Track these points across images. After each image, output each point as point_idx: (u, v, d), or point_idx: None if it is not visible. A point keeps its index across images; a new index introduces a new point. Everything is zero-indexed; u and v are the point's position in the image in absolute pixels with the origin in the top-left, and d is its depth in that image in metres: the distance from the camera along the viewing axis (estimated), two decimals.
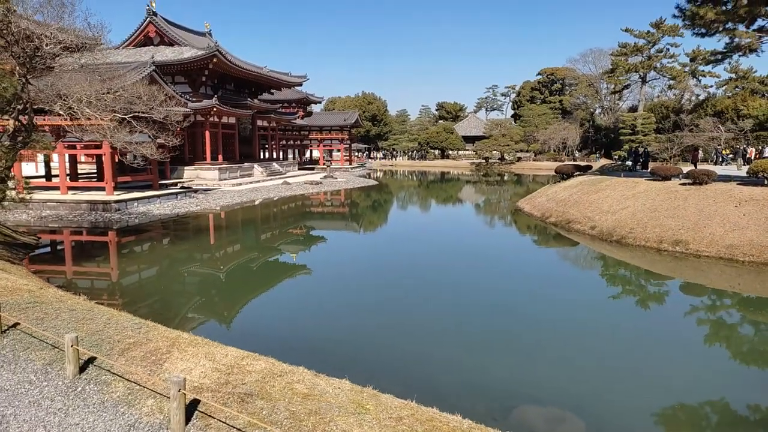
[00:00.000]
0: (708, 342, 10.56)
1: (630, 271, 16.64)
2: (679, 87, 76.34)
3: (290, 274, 16.08)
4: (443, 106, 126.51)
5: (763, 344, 10.75)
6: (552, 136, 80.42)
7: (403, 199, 42.48)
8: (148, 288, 14.22)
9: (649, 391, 8.07)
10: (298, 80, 55.93)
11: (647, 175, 27.16)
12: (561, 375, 8.63)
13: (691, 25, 20.81)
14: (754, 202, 17.44)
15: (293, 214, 30.64)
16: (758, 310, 12.95)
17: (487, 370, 8.79)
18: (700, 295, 13.89)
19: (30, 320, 7.52)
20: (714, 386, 8.46)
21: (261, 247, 20.51)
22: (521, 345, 10.09)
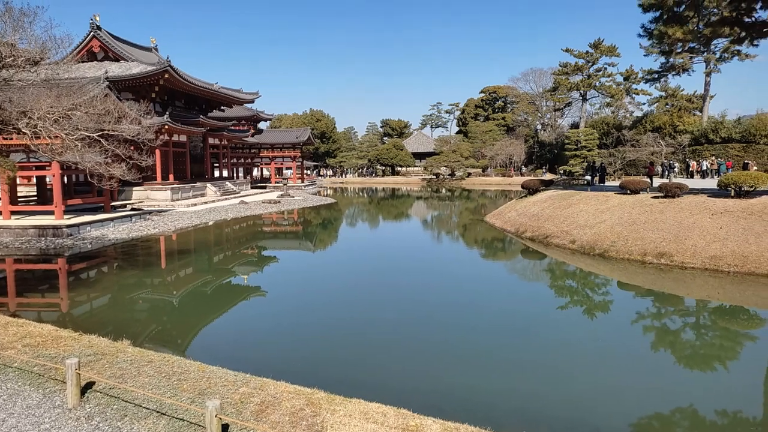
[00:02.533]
0: (702, 353, 10.53)
1: (623, 287, 16.68)
2: (616, 104, 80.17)
3: (276, 302, 15.11)
4: (388, 123, 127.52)
5: (744, 352, 10.75)
6: (499, 152, 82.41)
7: (368, 216, 41.90)
8: (134, 319, 12.85)
9: (635, 403, 8.03)
10: (250, 97, 54.58)
11: (607, 188, 27.97)
12: (555, 392, 8.39)
13: (659, 44, 21.56)
14: (729, 214, 18.02)
15: (261, 235, 29.39)
16: (746, 320, 13.11)
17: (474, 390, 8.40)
18: (698, 309, 14.04)
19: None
20: (691, 395, 8.41)
21: (235, 271, 19.32)
22: (515, 360, 9.67)
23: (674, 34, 20.10)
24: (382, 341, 11.03)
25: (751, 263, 15.83)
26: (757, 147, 52.98)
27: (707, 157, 51.27)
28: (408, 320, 12.63)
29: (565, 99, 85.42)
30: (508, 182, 74.03)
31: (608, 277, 17.55)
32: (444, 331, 11.73)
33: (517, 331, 11.84)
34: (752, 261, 15.86)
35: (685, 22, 20.24)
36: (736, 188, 19.31)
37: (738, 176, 19.22)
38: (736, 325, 12.67)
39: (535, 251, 22.04)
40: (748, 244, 16.45)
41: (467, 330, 11.72)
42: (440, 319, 12.67)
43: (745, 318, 13.15)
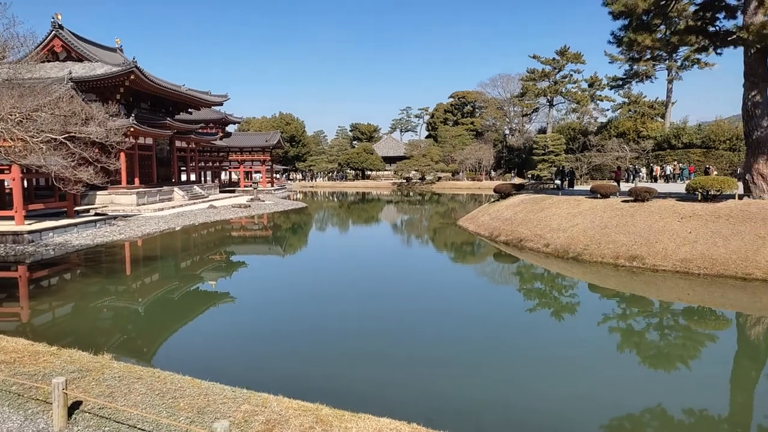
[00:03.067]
0: (670, 354, 10.73)
1: (595, 290, 16.96)
2: (581, 110, 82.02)
3: (255, 309, 14.78)
4: (357, 128, 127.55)
5: (711, 352, 11.00)
6: (468, 156, 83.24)
7: (340, 221, 41.64)
8: (107, 329, 12.33)
9: (607, 404, 8.19)
10: (218, 99, 53.66)
11: (577, 192, 28.49)
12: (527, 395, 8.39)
13: (628, 51, 22.04)
14: (697, 218, 18.51)
15: (231, 240, 28.83)
16: (713, 321, 13.41)
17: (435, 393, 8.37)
18: (668, 310, 14.33)
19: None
20: (659, 395, 8.51)
21: (203, 277, 18.84)
22: (500, 364, 9.68)
23: (644, 42, 20.59)
24: (362, 348, 10.85)
25: (719, 265, 16.26)
26: (716, 152, 54.87)
27: (670, 162, 52.87)
28: (387, 326, 12.49)
29: (533, 104, 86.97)
30: (477, 186, 74.75)
31: (581, 281, 17.81)
32: (425, 336, 11.65)
33: (500, 335, 11.86)
34: (721, 263, 16.30)
35: (653, 30, 20.78)
36: (703, 192, 19.87)
37: (705, 181, 19.79)
38: (704, 326, 12.94)
39: (510, 255, 22.24)
40: (717, 247, 16.91)
41: (449, 336, 11.66)
42: (420, 324, 12.60)
43: (713, 319, 13.44)
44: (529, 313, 14.27)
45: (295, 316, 13.50)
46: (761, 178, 19.93)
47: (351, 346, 10.99)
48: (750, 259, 15.96)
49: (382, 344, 11.06)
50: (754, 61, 19.85)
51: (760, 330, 12.77)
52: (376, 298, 15.50)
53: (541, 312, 14.47)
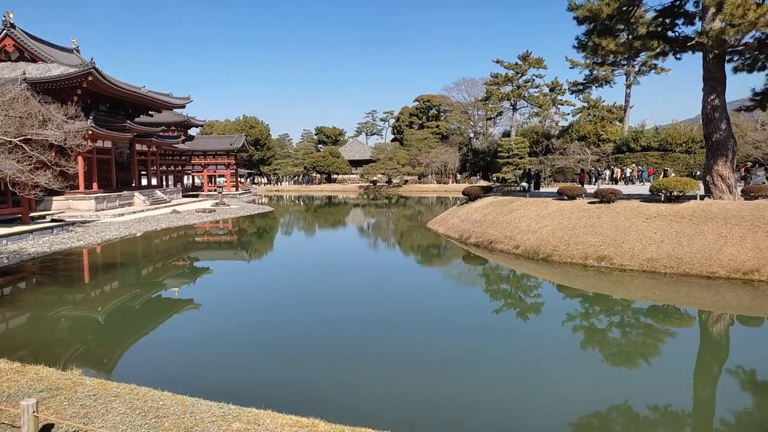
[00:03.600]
0: (636, 352, 10.90)
1: (563, 291, 17.14)
2: (543, 114, 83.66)
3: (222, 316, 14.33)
4: (322, 131, 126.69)
5: (675, 349, 11.28)
6: (434, 159, 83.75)
7: (308, 225, 41.16)
8: (69, 342, 11.70)
9: (574, 402, 8.27)
10: (180, 102, 52.42)
11: (543, 194, 28.93)
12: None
13: (593, 55, 22.47)
14: (662, 218, 18.98)
15: (195, 246, 28.07)
16: (678, 318, 13.71)
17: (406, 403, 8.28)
18: (634, 309, 14.58)
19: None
20: (625, 392, 8.68)
21: (166, 284, 18.23)
22: (476, 363, 9.66)
23: (608, 46, 21.03)
24: (337, 355, 10.55)
25: (685, 265, 16.69)
26: (673, 155, 56.75)
27: (629, 164, 54.38)
28: (361, 331, 12.27)
29: (497, 108, 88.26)
30: (444, 189, 75.25)
31: (551, 282, 18.00)
32: (401, 341, 11.48)
33: (472, 337, 11.79)
34: (686, 262, 16.73)
35: (616, 35, 21.27)
36: (666, 193, 20.40)
37: (669, 182, 20.33)
38: (669, 324, 13.18)
39: (480, 257, 22.33)
40: (682, 247, 17.36)
41: (426, 339, 11.55)
42: (395, 329, 12.41)
43: (677, 317, 13.71)
44: (499, 314, 14.32)
45: (264, 323, 13.16)
46: (720, 179, 20.60)
47: (324, 353, 10.68)
48: (714, 258, 16.43)
49: (357, 350, 10.84)
50: (712, 65, 20.51)
51: (722, 327, 13.13)
52: (347, 303, 15.25)
53: (510, 313, 14.53)
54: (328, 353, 10.62)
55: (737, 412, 7.89)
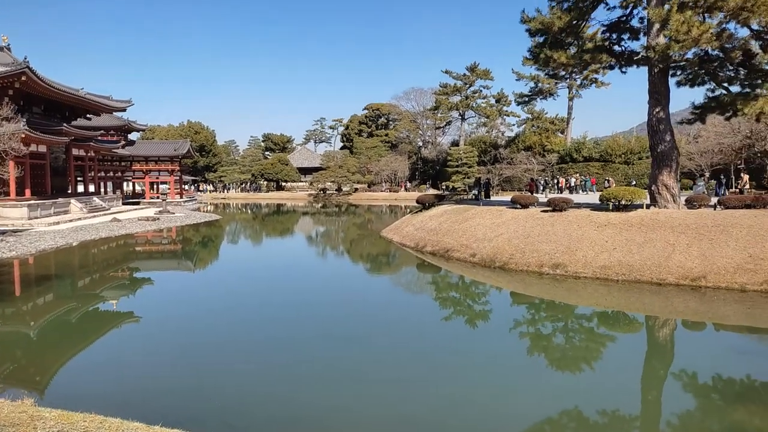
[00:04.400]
0: (584, 357, 11.07)
1: (519, 299, 17.26)
2: (490, 124, 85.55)
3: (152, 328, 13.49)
4: (270, 138, 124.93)
5: (622, 353, 11.58)
6: (384, 167, 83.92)
7: (256, 233, 40.04)
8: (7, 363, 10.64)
9: (525, 409, 8.38)
10: (121, 105, 50.21)
11: (494, 203, 29.32)
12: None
13: (545, 67, 22.95)
14: (612, 226, 19.47)
15: (137, 255, 26.67)
16: (626, 324, 14.05)
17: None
18: (584, 315, 14.79)
19: None
20: (575, 397, 8.79)
21: (104, 296, 17.10)
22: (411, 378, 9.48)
23: (559, 59, 21.52)
24: (295, 369, 10.03)
25: (636, 272, 17.12)
26: (613, 165, 59.10)
27: (572, 174, 56.25)
28: (310, 344, 11.65)
29: (446, 118, 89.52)
30: (394, 197, 75.44)
31: (506, 289, 18.13)
32: (360, 352, 11.11)
33: (426, 346, 11.56)
34: (637, 270, 17.17)
35: (566, 48, 21.82)
36: (615, 202, 20.98)
37: (617, 191, 20.92)
38: (618, 329, 13.49)
39: (437, 266, 22.24)
40: (632, 254, 17.82)
41: (386, 349, 11.24)
42: (352, 340, 12.01)
43: (626, 323, 14.01)
44: (453, 322, 14.25)
45: (211, 336, 12.40)
46: (665, 189, 21.40)
47: (280, 367, 10.16)
48: (663, 266, 16.93)
49: (316, 365, 10.31)
50: (657, 79, 21.34)
51: (668, 332, 13.46)
52: (298, 316, 14.61)
53: (464, 321, 14.38)
54: (278, 368, 10.11)
55: (682, 414, 8.10)
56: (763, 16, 16.93)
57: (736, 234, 17.13)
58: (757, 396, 8.95)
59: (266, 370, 9.99)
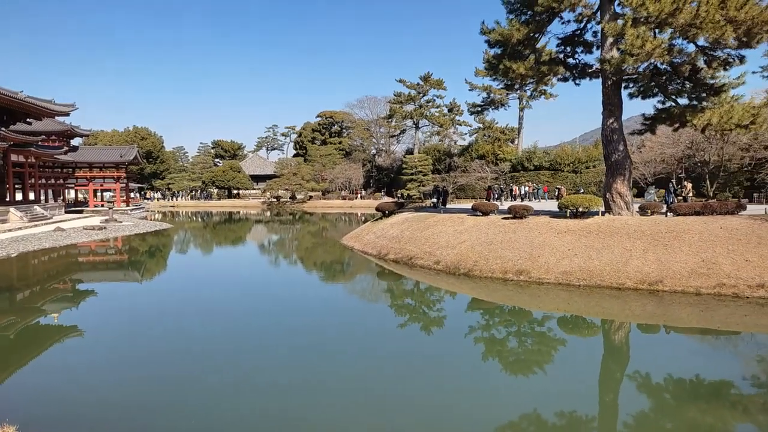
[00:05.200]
0: (541, 361, 11.35)
1: (481, 305, 17.37)
2: (443, 133, 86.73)
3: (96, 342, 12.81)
4: (220, 144, 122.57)
5: (578, 356, 11.94)
6: (339, 175, 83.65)
7: (210, 243, 38.83)
8: None
9: (483, 413, 8.49)
10: (64, 109, 47.90)
11: (453, 210, 29.63)
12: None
13: (504, 77, 23.41)
14: (571, 233, 19.99)
15: (85, 267, 25.33)
16: (583, 328, 14.39)
17: None
18: (544, 320, 15.05)
19: None
20: (532, 400, 9.01)
21: (46, 310, 16.13)
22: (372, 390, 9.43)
23: (518, 70, 22.03)
24: (253, 384, 9.70)
25: (596, 277, 17.60)
26: (562, 174, 61.01)
27: (523, 182, 57.73)
28: (266, 359, 11.27)
29: (400, 126, 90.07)
30: (349, 205, 75.17)
31: (470, 295, 18.17)
32: (307, 367, 10.73)
33: (389, 354, 11.47)
34: (597, 275, 17.65)
35: (524, 59, 22.35)
36: (573, 210, 21.57)
37: (576, 199, 21.52)
38: (577, 333, 13.86)
39: (400, 273, 22.11)
40: (591, 260, 18.32)
41: (346, 362, 11.04)
42: (300, 355, 11.55)
43: (585, 327, 14.38)
44: (412, 328, 14.21)
45: (160, 349, 11.93)
46: (619, 197, 22.17)
47: (235, 382, 9.77)
48: (621, 271, 17.48)
49: (270, 378, 10.01)
50: (610, 91, 22.14)
51: (624, 335, 13.88)
52: (254, 327, 14.15)
53: (425, 327, 14.38)
54: (239, 382, 9.73)
55: (638, 414, 8.39)
56: (710, 32, 17.85)
57: (689, 239, 17.92)
58: (709, 395, 9.35)
59: (220, 385, 9.60)
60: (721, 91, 20.82)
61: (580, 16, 22.40)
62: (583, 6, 21.18)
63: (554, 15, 22.54)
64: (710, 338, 13.17)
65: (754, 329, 13.65)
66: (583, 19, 22.99)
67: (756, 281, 15.65)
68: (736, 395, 9.22)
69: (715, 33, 17.71)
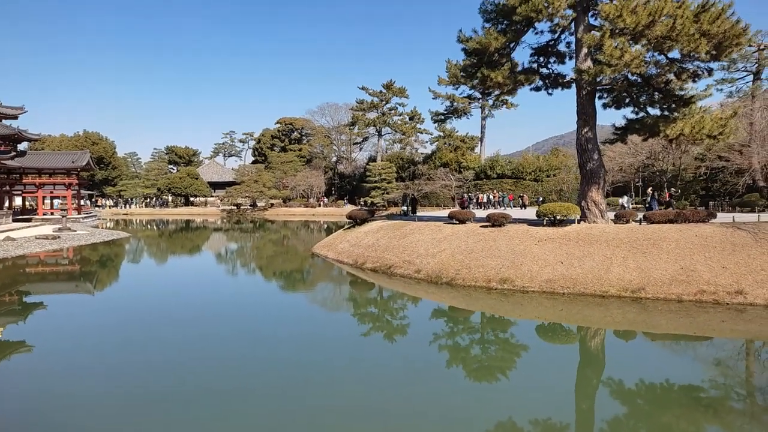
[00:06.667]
0: (521, 369, 11.27)
1: (462, 314, 17.18)
2: (406, 141, 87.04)
3: None
4: (174, 150, 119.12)
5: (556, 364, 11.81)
6: (300, 182, 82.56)
7: (175, 252, 37.29)
8: None
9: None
10: (12, 112, 45.42)
11: (425, 218, 29.47)
12: None
13: (481, 86, 23.44)
14: (551, 241, 20.08)
15: (34, 279, 23.74)
16: (564, 335, 14.46)
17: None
18: (526, 329, 14.98)
19: None
20: (510, 407, 9.09)
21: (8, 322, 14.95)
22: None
23: (496, 78, 22.09)
24: (212, 405, 9.04)
25: (579, 285, 17.68)
26: (524, 182, 62.09)
27: (486, 190, 58.40)
28: (232, 378, 10.48)
29: (363, 134, 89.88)
30: (311, 213, 74.19)
31: (454, 305, 17.90)
32: (292, 384, 10.25)
33: (380, 361, 11.09)
34: (580, 283, 17.73)
35: (498, 67, 22.44)
36: (551, 218, 21.71)
37: (554, 207, 21.65)
38: (567, 341, 14.00)
39: (380, 283, 21.65)
40: (574, 268, 18.42)
41: (310, 383, 10.58)
42: (290, 371, 10.92)
43: (563, 334, 14.48)
44: (403, 339, 13.76)
45: (119, 364, 11.27)
46: (594, 205, 22.49)
47: (190, 404, 9.16)
48: (604, 278, 17.62)
49: (232, 399, 9.42)
50: (585, 101, 22.49)
51: (598, 342, 13.97)
52: (225, 342, 13.24)
53: (410, 337, 14.01)
54: (194, 404, 9.09)
55: (612, 420, 8.49)
56: (684, 45, 18.35)
57: (667, 247, 18.26)
58: (686, 400, 9.47)
59: (178, 397, 9.14)
60: (690, 102, 21.43)
61: (555, 27, 22.67)
62: (560, 17, 21.42)
63: (531, 25, 22.73)
64: (698, 344, 13.34)
65: (730, 335, 13.91)
66: (558, 29, 23.29)
67: (734, 288, 16.03)
68: (708, 399, 9.53)
69: (689, 45, 18.21)
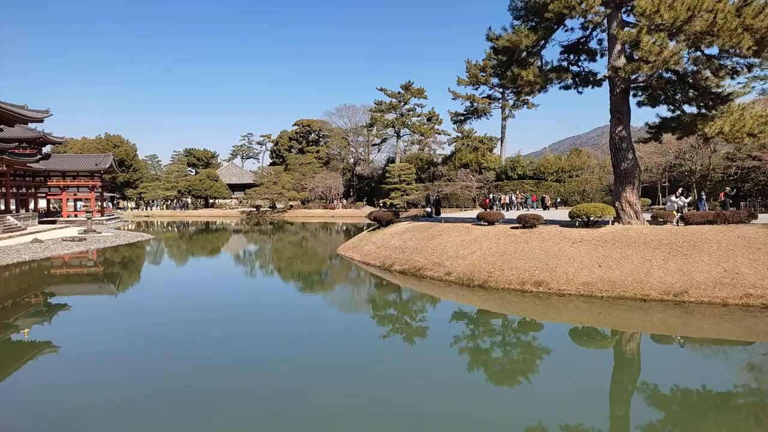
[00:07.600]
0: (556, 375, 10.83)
1: (497, 318, 16.79)
2: (424, 142, 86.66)
3: None
4: (192, 153, 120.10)
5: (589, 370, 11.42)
6: (319, 184, 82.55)
7: (205, 254, 37.36)
8: None
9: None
10: (38, 115, 45.85)
11: (451, 220, 29.03)
12: None
13: (512, 85, 23.02)
14: (586, 243, 19.59)
15: (72, 280, 23.84)
16: (600, 340, 13.96)
17: None
18: (565, 333, 14.56)
19: None
20: (542, 412, 8.80)
21: (18, 326, 14.89)
22: None
23: (527, 77, 21.69)
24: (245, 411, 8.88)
25: (619, 288, 17.17)
26: (546, 183, 61.32)
27: (507, 191, 57.76)
28: (272, 384, 10.31)
29: (381, 135, 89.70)
30: (331, 215, 74.07)
31: (490, 310, 17.50)
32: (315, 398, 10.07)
33: (424, 367, 10.76)
34: (620, 286, 17.23)
35: (528, 66, 22.04)
36: (584, 219, 21.19)
37: (588, 207, 21.13)
38: (597, 345, 13.61)
39: (411, 286, 21.33)
40: (612, 270, 17.92)
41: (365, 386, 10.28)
42: (329, 376, 10.81)
43: (599, 338, 14.06)
44: (440, 345, 13.46)
45: (152, 366, 11.17)
46: (629, 206, 21.95)
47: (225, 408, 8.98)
48: (644, 281, 17.09)
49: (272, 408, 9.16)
50: (619, 99, 21.96)
51: (634, 346, 13.51)
52: (255, 345, 13.24)
53: (451, 343, 13.64)
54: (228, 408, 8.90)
55: (647, 427, 8.19)
56: (726, 40, 17.77)
57: (708, 249, 17.67)
58: (729, 408, 9.08)
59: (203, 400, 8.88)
60: (728, 99, 20.82)
61: (587, 23, 22.18)
62: (593, 13, 20.93)
63: (562, 22, 22.30)
64: (735, 349, 12.89)
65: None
66: (589, 26, 22.80)
67: None
68: (749, 407, 9.13)
69: (731, 41, 17.62)
